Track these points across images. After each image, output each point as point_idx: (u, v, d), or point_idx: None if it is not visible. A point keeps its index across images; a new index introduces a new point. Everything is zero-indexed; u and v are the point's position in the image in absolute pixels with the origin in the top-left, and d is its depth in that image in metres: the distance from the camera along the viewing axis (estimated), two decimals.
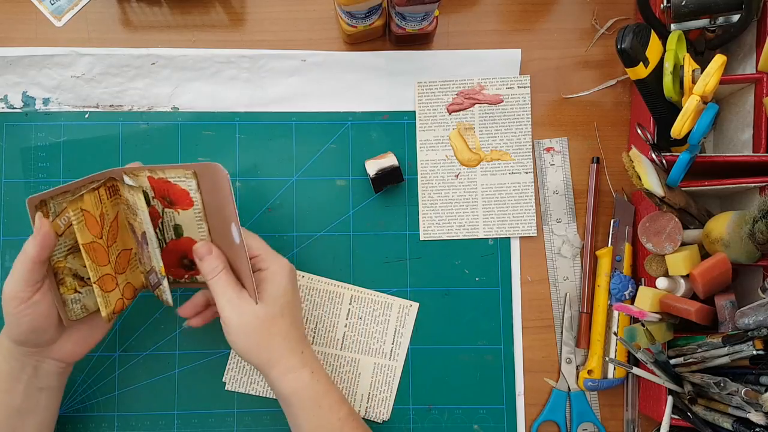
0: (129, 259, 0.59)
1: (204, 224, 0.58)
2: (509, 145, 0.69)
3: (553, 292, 0.68)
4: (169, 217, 0.58)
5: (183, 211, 0.57)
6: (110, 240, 0.56)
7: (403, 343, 0.67)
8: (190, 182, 0.55)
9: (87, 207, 0.53)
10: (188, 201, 0.56)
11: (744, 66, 0.63)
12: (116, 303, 0.57)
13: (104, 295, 0.56)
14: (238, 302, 0.55)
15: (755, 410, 0.51)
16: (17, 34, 0.68)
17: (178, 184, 0.55)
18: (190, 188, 0.56)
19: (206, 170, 0.54)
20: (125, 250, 0.59)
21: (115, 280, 0.57)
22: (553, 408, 0.67)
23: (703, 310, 0.56)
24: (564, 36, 0.70)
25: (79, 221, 0.53)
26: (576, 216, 0.69)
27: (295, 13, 0.69)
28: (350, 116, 0.69)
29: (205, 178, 0.54)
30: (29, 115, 0.68)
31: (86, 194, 0.53)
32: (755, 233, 0.52)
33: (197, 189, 0.56)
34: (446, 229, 0.68)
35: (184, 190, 0.56)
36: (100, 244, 0.55)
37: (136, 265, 0.60)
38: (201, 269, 0.57)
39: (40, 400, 0.58)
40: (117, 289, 0.57)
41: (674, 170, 0.57)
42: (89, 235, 0.54)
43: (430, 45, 0.69)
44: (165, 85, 0.68)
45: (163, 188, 0.56)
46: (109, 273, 0.56)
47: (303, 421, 0.57)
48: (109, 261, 0.56)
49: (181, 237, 0.59)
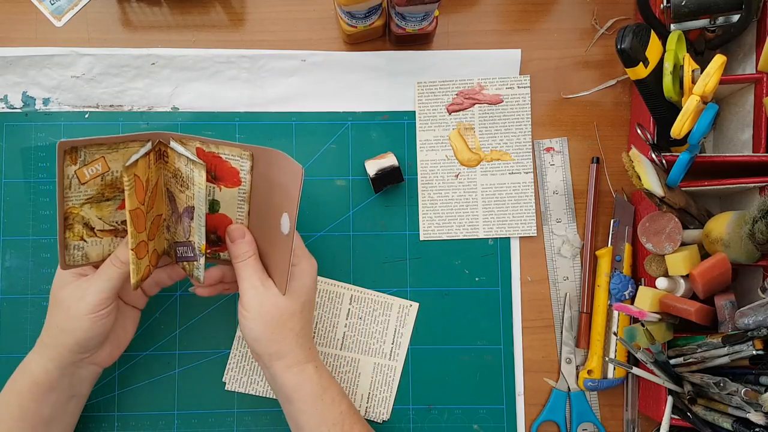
0: (159, 225, 0.58)
1: (245, 205, 0.58)
2: (509, 145, 0.69)
3: (553, 292, 0.68)
4: (208, 191, 0.57)
5: (226, 188, 0.57)
6: (149, 206, 0.56)
7: (403, 343, 0.67)
8: (244, 162, 0.55)
9: (139, 173, 0.53)
10: (236, 180, 0.56)
11: (744, 66, 0.63)
12: (144, 270, 0.57)
13: (137, 263, 0.55)
14: (263, 290, 0.56)
15: (755, 410, 0.51)
16: (17, 34, 0.68)
17: (229, 162, 0.55)
18: (242, 168, 0.56)
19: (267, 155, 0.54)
20: (158, 215, 0.58)
21: (147, 247, 0.56)
22: (553, 408, 0.67)
23: (702, 310, 0.56)
24: (564, 36, 0.70)
25: (130, 187, 0.52)
26: (576, 216, 0.69)
27: (295, 13, 0.69)
28: (350, 116, 0.69)
29: (261, 161, 0.55)
30: (29, 115, 0.68)
31: (140, 160, 0.53)
32: (755, 233, 0.52)
33: (249, 171, 0.56)
34: (446, 229, 0.68)
35: (235, 168, 0.56)
36: (142, 211, 0.55)
37: (163, 231, 0.59)
38: (231, 250, 0.57)
39: (68, 407, 0.59)
40: (146, 257, 0.57)
41: (674, 170, 0.57)
42: (136, 202, 0.53)
43: (430, 45, 0.69)
44: (165, 85, 0.68)
45: (211, 162, 0.56)
46: (144, 240, 0.56)
47: (304, 415, 0.56)
48: (145, 227, 0.56)
49: (216, 212, 0.58)
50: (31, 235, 0.67)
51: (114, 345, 0.59)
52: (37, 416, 0.56)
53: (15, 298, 0.67)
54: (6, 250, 0.67)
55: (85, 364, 0.58)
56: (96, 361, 0.58)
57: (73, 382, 0.58)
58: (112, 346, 0.59)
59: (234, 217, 0.59)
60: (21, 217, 0.67)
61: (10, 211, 0.67)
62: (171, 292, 0.67)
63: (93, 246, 0.57)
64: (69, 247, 0.55)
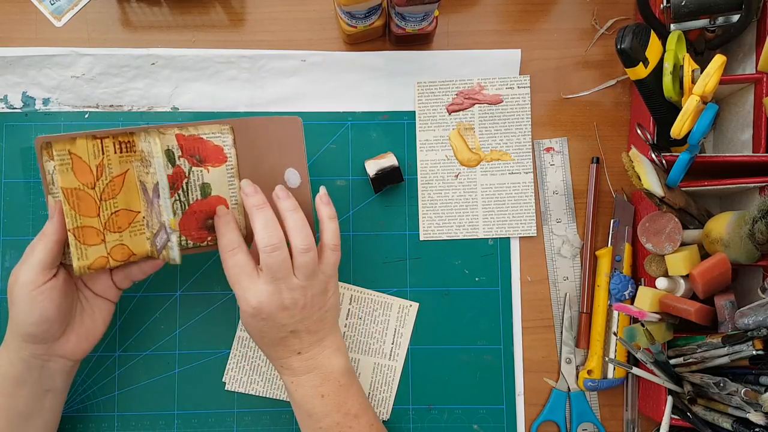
0: (131, 221, 0.57)
1: (236, 181, 0.58)
2: (509, 145, 0.69)
3: (553, 292, 0.68)
4: (197, 176, 0.57)
5: (213, 168, 0.57)
6: (107, 194, 0.55)
7: (402, 343, 0.67)
8: (226, 138, 0.55)
9: (77, 152, 0.52)
10: (221, 157, 0.56)
11: (744, 66, 0.63)
12: (97, 259, 0.55)
13: (81, 247, 0.54)
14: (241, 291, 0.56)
15: (755, 410, 0.51)
16: (17, 34, 0.68)
17: (211, 141, 0.55)
18: (225, 144, 0.55)
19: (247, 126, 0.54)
20: (128, 210, 0.57)
21: (102, 236, 0.55)
22: (553, 408, 0.67)
23: (702, 310, 0.56)
24: (564, 36, 0.70)
25: (63, 163, 0.51)
26: (576, 216, 0.69)
27: (295, 13, 0.69)
28: (350, 116, 0.69)
29: (243, 132, 0.54)
30: (29, 115, 0.68)
31: (79, 139, 0.52)
32: (755, 233, 0.52)
33: (232, 145, 0.55)
34: (446, 229, 0.68)
35: (218, 146, 0.56)
36: (89, 194, 0.54)
37: (141, 231, 0.58)
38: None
39: (44, 402, 0.58)
40: (102, 245, 0.55)
41: (674, 170, 0.57)
42: (74, 181, 0.52)
43: (430, 45, 0.69)
44: (165, 85, 0.68)
45: (193, 146, 0.55)
46: (94, 226, 0.54)
47: None
48: (98, 214, 0.54)
49: (209, 196, 0.58)
50: (31, 235, 0.67)
51: (81, 336, 0.58)
52: (11, 411, 0.56)
53: None
54: (6, 250, 0.67)
55: (51, 356, 0.56)
56: (61, 353, 0.57)
57: (43, 375, 0.56)
58: (78, 336, 0.57)
59: (227, 195, 0.58)
60: (21, 217, 0.67)
61: (10, 211, 0.67)
62: (171, 292, 0.67)
63: None
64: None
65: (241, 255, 0.55)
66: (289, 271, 0.54)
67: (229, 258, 0.56)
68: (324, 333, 0.58)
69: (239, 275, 0.55)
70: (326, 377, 0.58)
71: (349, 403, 0.58)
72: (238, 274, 0.55)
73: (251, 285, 0.55)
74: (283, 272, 0.54)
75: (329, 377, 0.58)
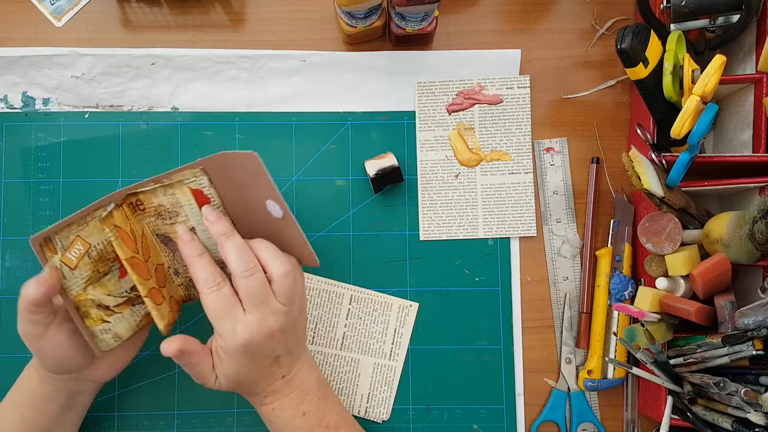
0: (165, 273, 0.58)
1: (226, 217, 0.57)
2: (509, 145, 0.69)
3: (553, 293, 0.68)
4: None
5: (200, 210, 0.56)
6: (145, 255, 0.55)
7: (402, 343, 0.67)
8: (201, 180, 0.55)
9: (119, 223, 0.52)
10: (203, 200, 0.56)
11: (744, 66, 0.63)
12: (168, 315, 0.56)
13: (157, 308, 0.54)
14: None
15: (755, 410, 0.51)
16: (17, 34, 0.68)
17: (189, 186, 0.55)
18: (202, 185, 0.55)
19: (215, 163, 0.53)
20: (159, 265, 0.57)
21: (161, 293, 0.56)
22: (553, 408, 0.67)
23: (702, 310, 0.56)
24: (564, 36, 0.70)
25: (116, 237, 0.52)
26: (576, 216, 0.69)
27: (295, 14, 0.69)
28: (350, 116, 0.69)
29: (216, 169, 0.54)
30: (29, 115, 0.68)
31: (115, 211, 0.52)
32: (755, 233, 0.52)
33: (210, 185, 0.55)
34: (446, 229, 0.68)
35: (198, 189, 0.55)
36: (139, 259, 0.54)
37: (173, 279, 0.59)
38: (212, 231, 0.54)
39: (66, 418, 0.58)
40: (165, 302, 0.56)
41: (674, 170, 0.57)
42: (128, 251, 0.53)
43: (429, 45, 0.69)
44: (165, 85, 0.68)
45: None
46: (155, 287, 0.55)
47: None
48: (150, 275, 0.55)
49: None
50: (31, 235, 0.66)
51: (111, 362, 0.58)
52: (36, 426, 0.56)
53: (15, 298, 0.66)
54: (6, 250, 0.67)
55: (80, 381, 0.57)
56: (90, 378, 0.57)
57: (71, 395, 0.57)
58: (108, 363, 0.57)
59: None
60: (21, 217, 0.67)
61: (10, 211, 0.67)
62: None
63: (118, 323, 0.55)
64: (96, 334, 0.54)
65: (226, 288, 0.53)
66: (269, 294, 0.53)
67: (213, 293, 0.52)
68: (300, 349, 0.58)
69: (225, 309, 0.52)
70: (306, 393, 0.57)
71: (329, 415, 0.57)
72: (223, 309, 0.52)
73: (238, 317, 0.52)
74: (263, 295, 0.52)
75: (308, 392, 0.57)
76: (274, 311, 0.53)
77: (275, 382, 0.56)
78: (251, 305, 0.52)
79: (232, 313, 0.52)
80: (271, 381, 0.56)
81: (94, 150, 0.68)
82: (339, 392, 0.67)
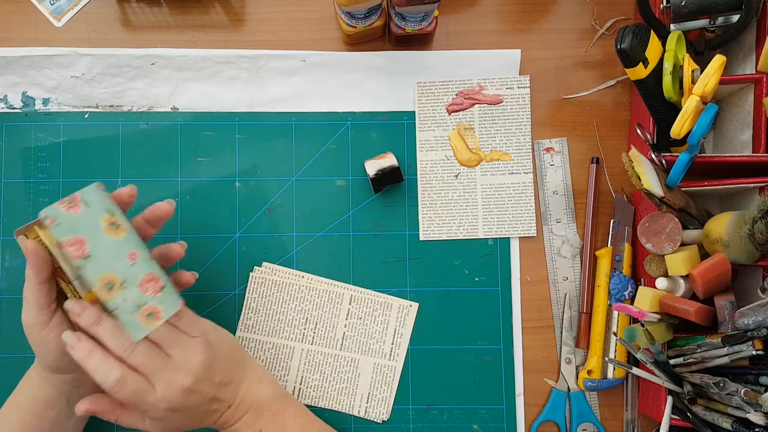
0: None
1: None
2: (509, 146, 0.69)
3: (553, 293, 0.68)
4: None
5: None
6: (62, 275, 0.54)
7: (402, 343, 0.67)
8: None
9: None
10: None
11: (744, 66, 0.63)
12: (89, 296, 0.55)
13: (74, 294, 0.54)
14: None
15: (755, 410, 0.51)
16: (17, 34, 0.68)
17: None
18: None
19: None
20: None
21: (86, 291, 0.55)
22: (553, 408, 0.67)
23: (702, 311, 0.56)
24: (564, 36, 0.70)
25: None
26: (576, 216, 0.69)
27: (295, 14, 0.69)
28: (350, 116, 0.69)
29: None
30: (29, 115, 0.68)
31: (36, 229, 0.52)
32: (755, 233, 0.52)
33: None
34: (446, 230, 0.68)
35: None
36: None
37: None
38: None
39: (69, 424, 0.58)
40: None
41: (674, 170, 0.57)
42: None
43: (429, 45, 0.69)
44: (165, 85, 0.68)
45: None
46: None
47: None
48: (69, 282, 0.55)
49: None
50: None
51: None
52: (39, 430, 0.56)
53: (15, 298, 0.67)
54: (6, 250, 0.67)
55: (81, 382, 0.57)
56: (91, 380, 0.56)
57: (72, 400, 0.57)
58: None
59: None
60: (21, 217, 0.67)
61: (10, 211, 0.67)
62: None
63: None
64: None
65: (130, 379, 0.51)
66: (160, 356, 0.52)
67: (118, 389, 0.51)
68: (239, 376, 0.57)
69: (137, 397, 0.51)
70: (259, 411, 0.56)
71: (289, 428, 0.57)
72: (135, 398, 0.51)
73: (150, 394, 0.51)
74: (158, 362, 0.52)
75: (262, 409, 0.56)
76: (174, 368, 0.52)
77: (222, 415, 0.55)
78: (152, 377, 0.51)
79: (145, 394, 0.51)
80: (217, 416, 0.55)
81: (94, 150, 0.68)
82: (339, 392, 0.67)
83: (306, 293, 0.67)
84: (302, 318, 0.67)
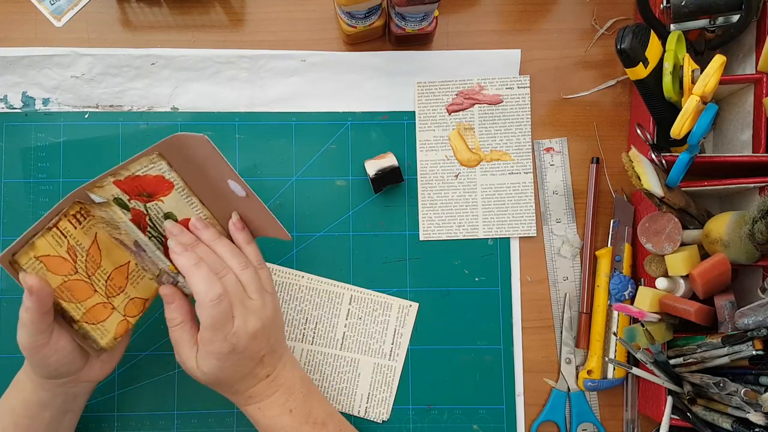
0: (128, 274, 0.57)
1: (193, 198, 0.57)
2: (509, 146, 0.69)
3: (553, 293, 0.68)
4: (155, 210, 0.57)
5: (166, 197, 0.56)
6: (92, 268, 0.54)
7: (402, 343, 0.67)
8: (160, 165, 0.55)
9: (42, 253, 0.51)
10: (166, 185, 0.55)
11: (744, 66, 0.63)
12: (117, 327, 0.56)
13: (98, 327, 0.54)
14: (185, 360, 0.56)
15: (755, 410, 0.51)
16: (17, 34, 0.68)
17: (148, 174, 0.55)
18: (162, 170, 0.55)
19: (171, 145, 0.53)
20: (119, 267, 0.56)
21: (110, 305, 0.55)
22: (553, 408, 0.67)
23: (702, 311, 0.56)
24: (564, 36, 0.70)
25: (38, 270, 0.51)
26: (576, 216, 0.69)
27: (294, 14, 0.69)
28: (350, 116, 0.69)
29: (173, 152, 0.54)
30: (29, 115, 0.68)
31: (37, 240, 0.51)
32: (755, 233, 0.52)
33: (170, 169, 0.55)
34: (446, 230, 0.68)
35: (158, 175, 0.55)
36: (76, 280, 0.53)
37: (141, 276, 0.58)
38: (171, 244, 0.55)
39: (63, 422, 0.58)
40: (115, 313, 0.56)
41: (674, 170, 0.57)
42: (57, 278, 0.52)
43: (429, 45, 0.69)
44: (165, 85, 0.68)
45: (134, 186, 0.55)
46: (99, 302, 0.54)
47: None
48: (95, 290, 0.54)
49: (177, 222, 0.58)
50: None
51: (104, 360, 0.58)
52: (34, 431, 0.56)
53: (15, 298, 0.67)
54: None
55: (76, 383, 0.57)
56: (85, 379, 0.57)
57: (67, 399, 0.57)
58: (102, 361, 0.57)
59: (193, 215, 0.58)
60: (21, 217, 0.67)
61: (10, 211, 0.67)
62: None
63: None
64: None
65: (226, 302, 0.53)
66: (243, 294, 0.54)
67: (214, 306, 0.52)
68: (281, 349, 0.58)
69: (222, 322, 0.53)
70: (291, 391, 0.57)
71: (315, 411, 0.57)
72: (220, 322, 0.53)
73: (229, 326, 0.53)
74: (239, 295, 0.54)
75: (293, 390, 0.57)
76: (251, 310, 0.54)
77: (259, 382, 0.56)
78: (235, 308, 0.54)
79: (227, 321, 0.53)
80: (254, 382, 0.56)
81: (93, 150, 0.68)
82: (339, 392, 0.67)
83: (306, 293, 0.67)
84: (302, 318, 0.67)
